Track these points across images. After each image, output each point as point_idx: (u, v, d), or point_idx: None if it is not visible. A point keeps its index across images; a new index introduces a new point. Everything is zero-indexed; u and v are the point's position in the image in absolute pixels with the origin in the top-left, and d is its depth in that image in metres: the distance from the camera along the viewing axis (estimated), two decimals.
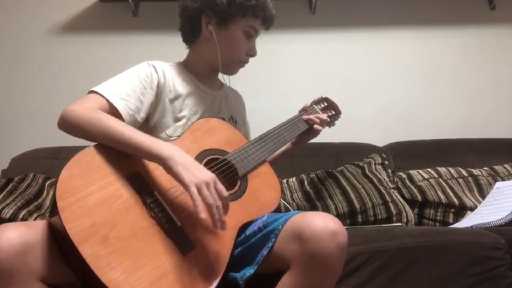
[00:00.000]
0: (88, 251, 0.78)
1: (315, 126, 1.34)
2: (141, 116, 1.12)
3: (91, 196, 0.84)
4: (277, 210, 1.10)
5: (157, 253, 0.84)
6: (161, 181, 0.96)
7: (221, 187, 0.90)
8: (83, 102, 1.04)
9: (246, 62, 1.30)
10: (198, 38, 1.27)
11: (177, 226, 0.90)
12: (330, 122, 1.46)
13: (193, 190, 0.87)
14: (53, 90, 2.23)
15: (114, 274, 0.78)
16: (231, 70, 1.31)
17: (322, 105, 1.46)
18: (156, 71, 1.18)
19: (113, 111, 1.05)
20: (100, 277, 0.76)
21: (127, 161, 0.94)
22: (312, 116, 1.35)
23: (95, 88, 1.07)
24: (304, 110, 1.40)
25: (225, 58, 1.24)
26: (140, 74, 1.15)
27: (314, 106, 1.44)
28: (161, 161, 0.92)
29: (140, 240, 0.84)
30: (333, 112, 1.48)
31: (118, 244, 0.81)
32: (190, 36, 1.28)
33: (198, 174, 0.89)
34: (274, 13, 1.27)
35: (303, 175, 1.83)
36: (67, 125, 0.99)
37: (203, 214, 0.85)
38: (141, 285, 0.79)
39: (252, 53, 1.28)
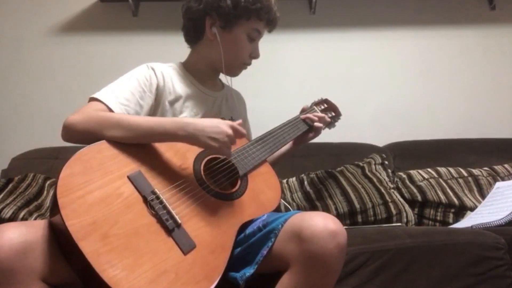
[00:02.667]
0: (88, 248, 0.78)
1: (315, 124, 1.34)
2: (143, 116, 1.12)
3: (91, 193, 0.85)
4: (277, 210, 1.11)
5: (157, 251, 0.85)
6: (162, 179, 0.96)
7: (239, 130, 1.02)
8: (84, 109, 1.04)
9: (249, 64, 1.30)
10: (201, 40, 1.26)
11: (178, 224, 0.90)
12: (330, 124, 1.46)
13: (226, 152, 1.01)
14: (53, 90, 2.22)
15: (115, 271, 0.78)
16: (234, 72, 1.31)
17: (322, 107, 1.47)
18: (155, 74, 1.18)
19: None
20: (101, 274, 0.76)
21: (128, 159, 0.94)
22: (310, 115, 1.35)
23: (94, 95, 1.08)
24: (304, 111, 1.40)
25: (228, 61, 1.24)
26: (139, 77, 1.15)
27: (314, 107, 1.44)
28: (182, 140, 0.99)
29: (141, 238, 0.85)
30: (333, 114, 1.48)
31: (118, 241, 0.82)
32: (193, 37, 1.28)
33: (220, 134, 0.98)
34: (278, 15, 1.27)
35: (303, 175, 1.83)
36: (74, 133, 0.99)
37: None
38: (141, 282, 0.79)
39: (255, 55, 1.28)
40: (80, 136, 0.99)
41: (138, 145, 0.98)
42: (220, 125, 0.99)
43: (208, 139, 0.97)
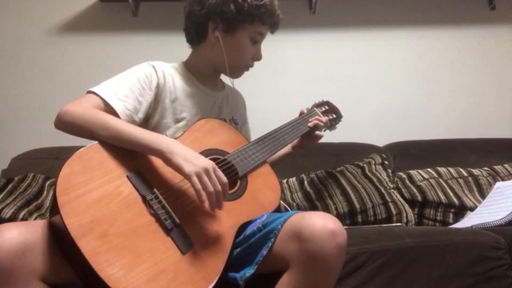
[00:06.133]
0: (87, 246, 0.78)
1: (316, 132, 1.35)
2: (139, 116, 1.12)
3: (91, 192, 0.85)
4: (277, 210, 1.10)
5: (156, 250, 0.85)
6: (161, 178, 0.96)
7: (220, 173, 0.93)
8: (80, 102, 1.04)
9: (252, 66, 1.30)
10: (203, 42, 1.26)
11: (177, 224, 0.90)
12: (331, 126, 1.47)
13: (194, 179, 0.90)
14: (53, 90, 2.23)
15: (113, 270, 0.78)
16: (236, 74, 1.31)
17: (323, 108, 1.47)
18: (156, 72, 1.18)
19: (111, 112, 1.05)
20: (99, 272, 0.76)
21: (128, 159, 0.95)
22: (313, 119, 1.36)
23: (92, 89, 1.08)
24: (302, 114, 1.40)
25: (231, 63, 1.24)
26: (139, 74, 1.15)
27: (315, 109, 1.44)
28: (161, 154, 0.94)
29: (139, 237, 0.85)
30: (334, 116, 1.48)
31: (117, 240, 0.82)
32: (195, 39, 1.27)
33: (197, 162, 0.92)
34: (281, 17, 1.26)
35: (303, 175, 1.83)
36: (65, 123, 1.00)
37: (206, 204, 0.90)
38: (139, 281, 0.79)
39: (257, 57, 1.28)
40: (70, 126, 1.00)
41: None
42: (202, 158, 0.94)
43: (183, 159, 0.92)
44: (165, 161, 0.94)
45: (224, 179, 0.93)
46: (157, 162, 0.99)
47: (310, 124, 1.35)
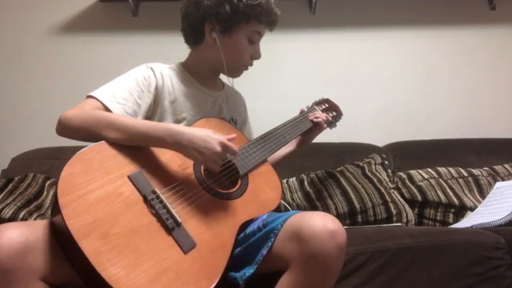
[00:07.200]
0: (88, 247, 0.78)
1: (315, 120, 1.35)
2: (138, 119, 1.12)
3: (92, 193, 0.85)
4: (278, 210, 1.11)
5: (157, 250, 0.85)
6: (162, 178, 0.96)
7: (229, 147, 0.99)
8: (80, 106, 1.04)
9: (251, 65, 1.30)
10: (201, 43, 1.26)
11: (178, 224, 0.90)
12: (331, 123, 1.46)
13: (212, 166, 1.00)
14: (53, 90, 2.23)
15: (114, 270, 0.78)
16: (235, 73, 1.31)
17: (323, 106, 1.46)
18: (154, 74, 1.18)
19: None
20: (101, 273, 0.76)
21: (128, 159, 0.95)
22: (311, 114, 1.36)
23: (91, 93, 1.08)
24: (303, 112, 1.40)
25: (229, 63, 1.24)
26: (138, 77, 1.15)
27: (315, 107, 1.44)
28: (170, 147, 0.98)
29: (141, 237, 0.85)
30: (334, 113, 1.48)
31: (118, 240, 0.82)
32: (193, 40, 1.27)
33: (209, 150, 0.97)
34: (279, 14, 1.26)
35: (303, 175, 1.83)
36: (67, 128, 1.00)
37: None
38: (141, 281, 0.79)
39: (256, 56, 1.28)
40: (74, 132, 1.00)
41: (139, 145, 0.99)
42: (210, 140, 0.98)
43: (195, 151, 0.97)
44: (180, 153, 0.99)
45: (235, 150, 1.01)
46: (158, 161, 0.99)
47: (311, 117, 1.36)
